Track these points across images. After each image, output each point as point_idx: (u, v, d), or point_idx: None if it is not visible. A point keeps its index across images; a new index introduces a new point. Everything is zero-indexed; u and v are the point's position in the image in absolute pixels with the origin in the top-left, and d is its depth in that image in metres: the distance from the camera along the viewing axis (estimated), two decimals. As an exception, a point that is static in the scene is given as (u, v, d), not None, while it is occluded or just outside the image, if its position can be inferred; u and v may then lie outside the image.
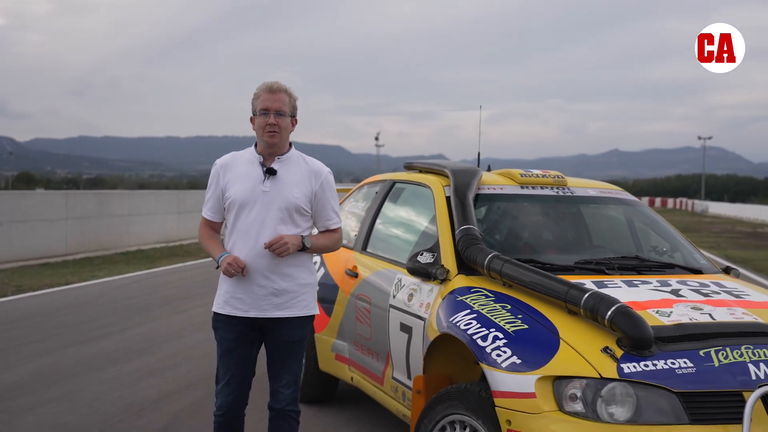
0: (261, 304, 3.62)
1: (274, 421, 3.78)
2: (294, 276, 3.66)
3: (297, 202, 3.64)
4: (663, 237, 4.78)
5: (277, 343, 3.71)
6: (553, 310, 3.49)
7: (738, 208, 60.10)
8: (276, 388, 3.76)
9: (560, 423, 3.04)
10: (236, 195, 3.63)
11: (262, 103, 3.64)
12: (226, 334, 3.67)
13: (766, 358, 3.19)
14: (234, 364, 3.67)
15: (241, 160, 3.73)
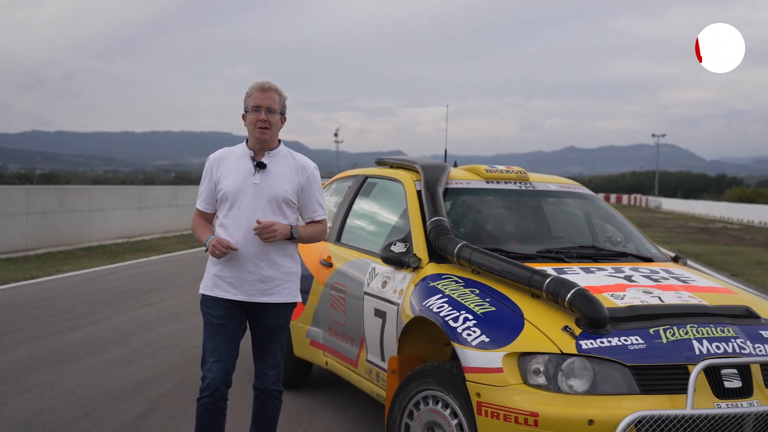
0: (249, 289, 3.83)
1: (258, 400, 4.01)
2: (281, 264, 3.88)
3: (285, 194, 3.87)
4: (617, 228, 5.14)
5: (263, 328, 3.93)
6: (517, 294, 3.81)
7: (690, 205, 61.41)
8: (261, 369, 3.98)
9: (525, 394, 3.36)
10: (228, 187, 3.85)
11: (253, 100, 3.87)
12: (216, 313, 3.86)
13: (708, 335, 3.54)
14: (223, 342, 3.84)
15: (233, 155, 3.95)
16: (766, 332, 3.70)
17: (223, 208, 3.89)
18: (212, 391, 3.82)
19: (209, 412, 3.85)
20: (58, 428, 4.93)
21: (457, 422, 3.65)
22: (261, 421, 4.03)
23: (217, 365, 3.83)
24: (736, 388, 3.42)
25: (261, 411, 4.03)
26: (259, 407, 4.03)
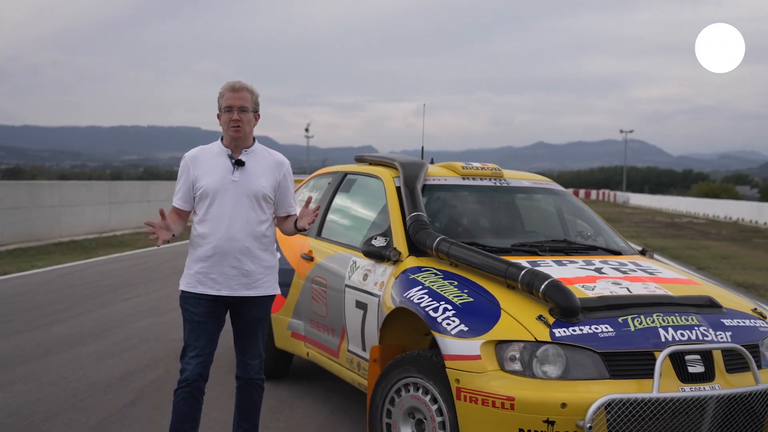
0: (232, 283, 3.93)
1: (242, 389, 4.12)
2: (261, 259, 3.99)
3: (264, 190, 3.97)
4: (587, 223, 5.37)
5: (246, 320, 4.04)
6: (494, 285, 4.00)
7: (657, 200, 62.26)
8: (245, 360, 4.09)
9: (501, 380, 3.56)
10: (208, 185, 3.92)
11: (226, 101, 3.95)
12: (197, 310, 3.94)
13: (673, 323, 3.76)
14: (204, 337, 3.94)
15: (210, 153, 4.02)
16: (727, 321, 3.93)
17: (202, 205, 3.96)
18: (191, 383, 3.93)
19: (187, 404, 3.94)
20: (47, 418, 5.05)
21: (437, 407, 3.84)
22: (245, 409, 4.13)
23: (196, 359, 3.93)
24: (699, 372, 3.64)
25: (244, 400, 4.14)
26: (243, 396, 4.14)
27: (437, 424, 3.82)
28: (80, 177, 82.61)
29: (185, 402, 3.94)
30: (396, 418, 4.03)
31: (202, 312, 3.95)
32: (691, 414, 3.57)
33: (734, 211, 40.94)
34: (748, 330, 3.94)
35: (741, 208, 41.16)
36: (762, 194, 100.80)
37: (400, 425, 4.01)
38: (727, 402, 3.62)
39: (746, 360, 3.74)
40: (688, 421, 3.57)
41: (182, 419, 3.95)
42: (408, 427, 3.99)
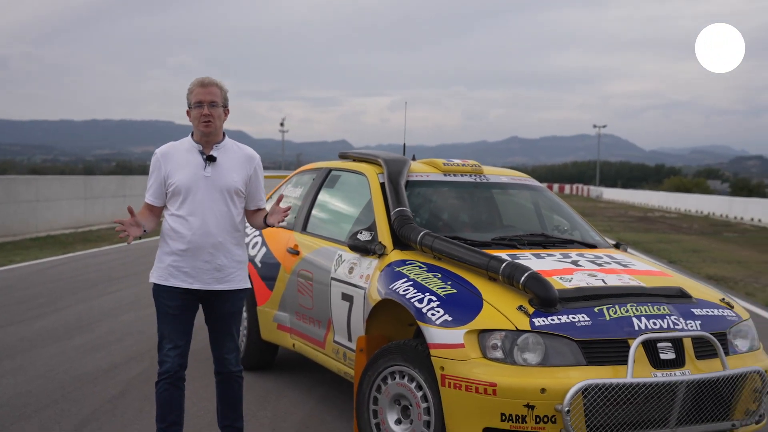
0: (205, 277, 3.98)
1: (222, 384, 4.19)
2: (234, 253, 4.06)
3: (236, 185, 4.04)
4: (564, 218, 5.56)
5: (219, 314, 4.10)
6: (476, 277, 4.18)
7: (630, 194, 62.92)
8: (222, 354, 4.16)
9: (484, 367, 3.73)
10: (180, 181, 3.97)
11: (195, 96, 3.99)
12: (171, 303, 4.01)
13: (646, 313, 3.96)
14: (178, 330, 4.02)
15: (180, 149, 4.07)
16: (697, 310, 4.14)
17: (175, 201, 4.00)
18: (171, 375, 4.03)
19: (170, 394, 4.06)
20: (39, 409, 5.16)
21: (422, 394, 4.01)
22: (227, 401, 4.22)
23: (174, 351, 4.02)
24: (670, 359, 3.84)
25: (226, 393, 4.21)
26: (224, 390, 4.21)
27: (422, 410, 3.99)
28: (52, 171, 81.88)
29: (168, 392, 4.05)
30: (382, 405, 4.20)
31: (176, 305, 4.01)
32: (663, 398, 3.76)
33: (705, 205, 41.53)
34: (716, 319, 4.15)
35: (712, 202, 41.75)
36: (733, 189, 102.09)
37: (386, 412, 4.18)
38: (697, 387, 3.83)
39: (715, 347, 3.95)
40: (660, 405, 3.77)
41: (167, 409, 4.06)
42: (394, 413, 4.16)
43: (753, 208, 34.93)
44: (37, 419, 4.96)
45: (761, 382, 4.01)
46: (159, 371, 4.06)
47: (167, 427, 4.09)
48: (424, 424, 3.98)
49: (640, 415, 3.76)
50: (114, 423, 4.94)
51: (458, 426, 3.77)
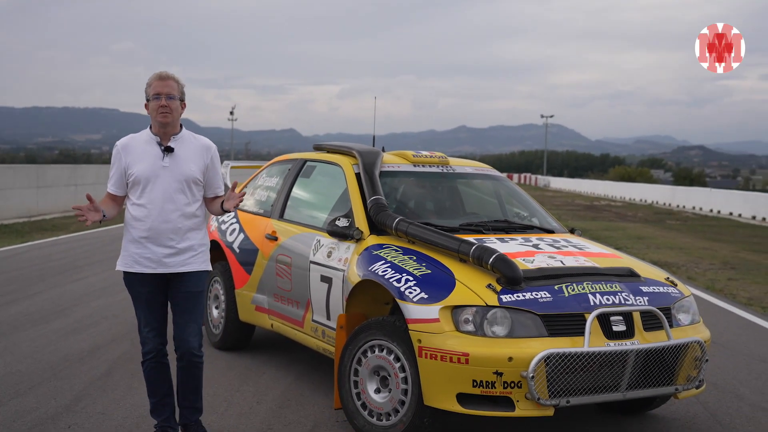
0: (167, 261, 4.20)
1: (183, 369, 4.35)
2: (192, 238, 4.27)
3: (194, 174, 4.25)
4: (523, 205, 6.02)
5: (183, 294, 4.28)
6: (448, 259, 4.60)
7: (576, 183, 64.17)
8: (184, 337, 4.30)
9: (457, 339, 4.16)
10: (140, 172, 4.18)
11: (154, 89, 4.21)
12: (142, 288, 4.25)
13: (600, 290, 4.42)
14: (155, 311, 4.29)
15: (140, 141, 4.28)
16: (645, 288, 4.62)
17: (135, 191, 4.22)
18: (154, 354, 4.31)
19: (156, 371, 4.34)
20: (32, 386, 5.45)
21: (399, 365, 4.42)
22: (187, 384, 4.37)
23: (152, 333, 4.30)
24: (621, 331, 4.31)
25: (186, 376, 4.36)
26: (184, 374, 4.36)
27: (400, 379, 4.41)
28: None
29: (154, 370, 4.34)
30: (362, 376, 4.60)
31: (147, 290, 4.25)
32: (615, 365, 4.24)
33: (649, 194, 42.70)
34: (662, 295, 4.64)
35: (655, 191, 42.94)
36: (675, 178, 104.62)
37: (366, 382, 4.58)
38: (645, 355, 4.31)
39: (660, 320, 4.44)
40: (612, 371, 4.24)
41: (156, 384, 4.35)
42: (374, 383, 4.57)
43: (694, 197, 36.11)
44: (32, 395, 5.26)
45: (701, 351, 4.51)
46: (142, 351, 4.34)
47: (159, 400, 4.38)
48: (402, 392, 4.40)
49: (595, 381, 4.22)
50: (106, 398, 5.26)
51: (434, 392, 4.20)
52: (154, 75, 4.29)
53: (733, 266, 13.71)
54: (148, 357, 4.34)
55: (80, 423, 4.76)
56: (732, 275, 12.46)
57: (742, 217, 28.70)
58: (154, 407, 4.40)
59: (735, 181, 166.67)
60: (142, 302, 4.30)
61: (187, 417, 4.41)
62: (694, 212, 32.72)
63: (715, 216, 30.11)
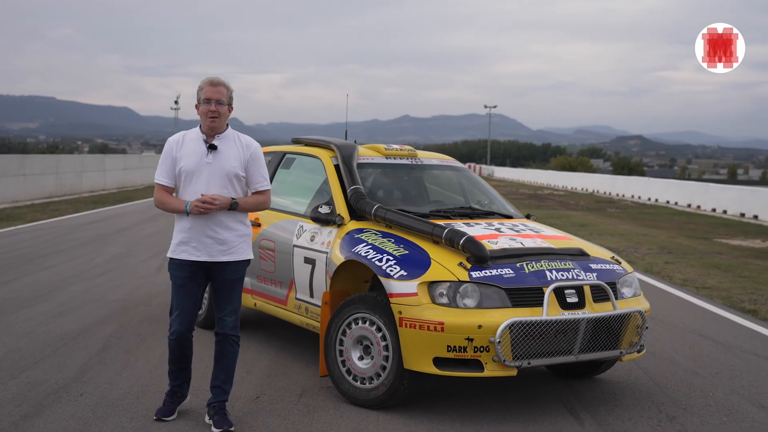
0: (210, 251, 4.59)
1: (219, 344, 4.75)
2: (234, 229, 4.65)
3: (234, 170, 4.63)
4: (484, 194, 6.65)
5: (223, 282, 4.68)
6: (422, 241, 5.20)
7: (520, 173, 65.42)
8: (221, 317, 4.72)
9: (433, 310, 4.76)
10: (187, 166, 4.59)
11: (205, 94, 4.60)
12: (180, 273, 4.62)
13: (555, 267, 5.07)
14: (188, 297, 4.64)
15: (189, 138, 4.69)
16: (594, 265, 5.28)
17: (182, 183, 4.62)
18: (178, 336, 4.69)
19: (180, 347, 4.73)
20: (36, 362, 5.90)
21: (381, 335, 5.01)
22: (222, 361, 4.75)
23: (180, 317, 4.66)
24: (574, 302, 4.96)
25: (220, 354, 4.75)
26: (219, 351, 4.76)
27: (382, 347, 5.00)
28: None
29: (178, 347, 4.72)
30: (347, 345, 5.18)
31: (184, 276, 4.63)
32: (569, 331, 4.89)
33: (590, 183, 43.99)
34: (608, 272, 5.30)
35: (596, 180, 44.24)
36: (615, 167, 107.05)
37: (350, 351, 5.16)
38: (594, 323, 4.96)
39: (607, 293, 5.10)
40: (567, 337, 4.89)
41: (178, 355, 4.74)
42: (357, 351, 5.16)
43: (633, 185, 37.41)
44: (39, 369, 5.72)
45: (641, 320, 5.19)
46: (169, 332, 4.72)
47: (178, 368, 4.77)
48: (383, 359, 5.00)
49: (552, 345, 4.87)
50: (108, 371, 5.74)
51: (413, 357, 4.80)
52: (206, 80, 4.66)
53: (670, 251, 14.61)
54: (173, 338, 4.70)
55: (90, 391, 5.24)
56: (669, 259, 13.34)
57: (678, 205, 29.97)
58: (172, 372, 4.78)
59: (672, 171, 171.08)
60: (177, 287, 4.67)
61: (215, 397, 4.74)
62: (633, 200, 33.96)
63: (653, 204, 31.36)
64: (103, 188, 31.38)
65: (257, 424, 4.76)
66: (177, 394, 4.85)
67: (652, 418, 5.08)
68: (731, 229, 20.31)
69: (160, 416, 4.73)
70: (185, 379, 4.86)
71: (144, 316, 7.59)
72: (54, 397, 5.12)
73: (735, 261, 13.42)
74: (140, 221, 18.11)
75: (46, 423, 4.65)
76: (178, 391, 4.85)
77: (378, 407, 5.03)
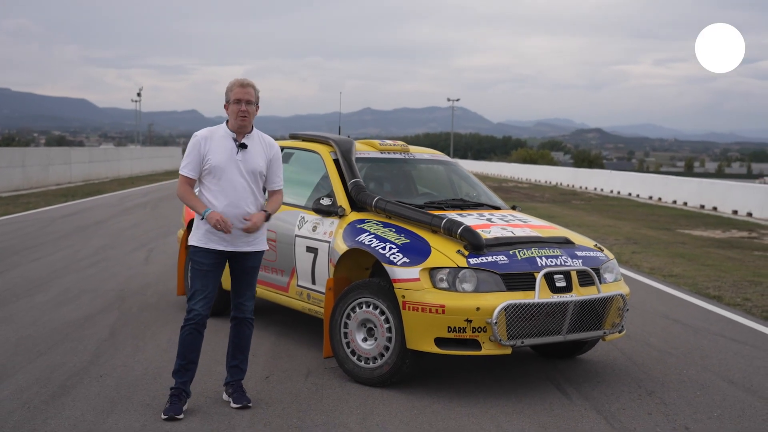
0: (236, 241, 4.89)
1: (235, 327, 5.04)
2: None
3: (261, 168, 4.94)
4: (472, 187, 7.06)
5: (244, 269, 4.99)
6: (421, 231, 5.59)
7: (483, 165, 66.11)
8: (240, 302, 5.03)
9: (434, 294, 5.15)
10: (217, 161, 4.83)
11: (235, 95, 4.86)
12: (206, 261, 4.87)
13: (545, 254, 5.48)
14: (210, 283, 4.90)
15: (217, 135, 4.91)
16: (579, 252, 5.71)
17: (211, 178, 4.87)
18: (198, 320, 4.85)
19: (192, 336, 4.86)
20: (50, 347, 6.19)
21: (384, 318, 5.39)
22: (237, 343, 5.04)
23: (203, 301, 4.86)
24: (562, 286, 5.38)
25: (237, 335, 5.03)
26: (236, 332, 5.05)
27: (385, 329, 5.38)
28: None
29: (191, 336, 4.86)
30: (351, 328, 5.55)
31: (210, 263, 4.89)
32: (558, 313, 5.31)
33: (553, 176, 44.74)
34: (592, 258, 5.74)
35: (559, 173, 45.01)
36: (575, 160, 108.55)
37: (354, 333, 5.54)
38: (581, 305, 5.39)
39: (592, 278, 5.53)
40: (555, 319, 5.31)
41: (188, 348, 4.86)
42: (361, 333, 5.53)
43: (596, 178, 38.20)
44: (55, 354, 6.01)
45: (623, 302, 5.64)
46: (186, 317, 4.87)
47: (186, 363, 4.86)
48: (386, 340, 5.38)
49: (543, 326, 5.28)
50: (121, 354, 6.05)
51: (416, 337, 5.19)
52: (235, 81, 4.92)
53: (636, 241, 15.19)
54: (190, 323, 4.85)
55: (109, 373, 5.56)
56: (635, 249, 13.90)
57: (640, 198, 30.75)
58: (178, 368, 4.87)
59: (630, 163, 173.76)
60: (200, 273, 4.89)
61: (232, 375, 5.04)
62: (597, 193, 34.72)
63: (616, 196, 32.12)
64: (69, 181, 31.31)
65: (272, 400, 5.12)
66: (182, 393, 4.86)
67: (632, 392, 5.53)
68: (692, 220, 21.02)
69: (171, 415, 4.71)
70: (191, 376, 4.92)
71: (142, 305, 7.88)
72: (76, 378, 5.42)
73: (698, 250, 14.02)
74: (115, 214, 18.28)
75: (75, 401, 4.96)
76: (183, 390, 4.87)
77: (381, 385, 5.42)
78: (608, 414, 5.07)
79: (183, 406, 4.82)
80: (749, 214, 22.76)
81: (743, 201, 23.58)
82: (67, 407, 4.86)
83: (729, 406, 5.31)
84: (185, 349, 4.89)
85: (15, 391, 5.13)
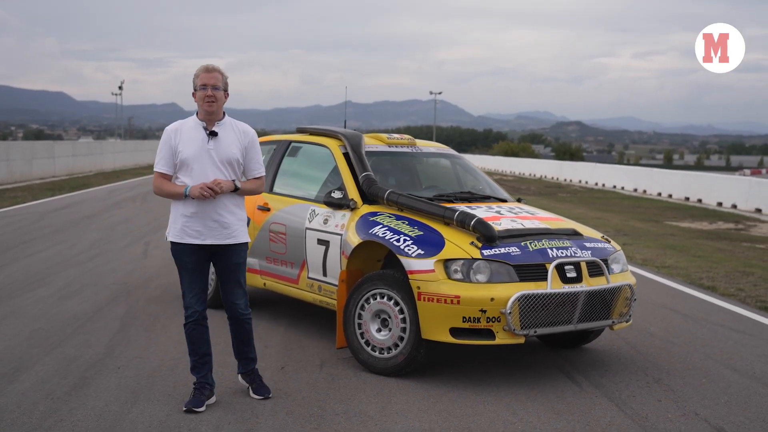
0: (214, 234, 4.75)
1: (235, 326, 5.00)
2: (236, 213, 4.84)
3: (235, 156, 4.78)
4: (478, 179, 7.16)
5: (228, 265, 4.88)
6: (434, 223, 5.68)
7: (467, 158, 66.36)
8: (232, 300, 4.93)
9: (449, 285, 5.25)
10: (188, 153, 4.70)
11: (201, 80, 4.72)
12: (189, 258, 4.77)
13: (556, 246, 5.59)
14: (198, 279, 4.82)
15: (187, 126, 4.79)
16: (587, 243, 5.83)
17: (184, 170, 4.74)
18: (196, 317, 4.84)
19: (197, 332, 4.86)
20: (64, 339, 6.24)
21: (399, 308, 5.48)
22: (240, 339, 5.04)
23: (194, 299, 4.82)
24: (573, 277, 5.49)
25: (238, 333, 5.03)
26: (236, 331, 5.03)
27: (399, 320, 5.48)
28: None
29: (195, 331, 4.86)
30: (365, 319, 5.64)
31: (193, 259, 4.80)
32: (569, 303, 5.42)
33: (537, 169, 44.99)
34: (601, 250, 5.86)
35: (543, 166, 45.27)
36: (556, 153, 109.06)
37: (369, 324, 5.63)
38: (590, 295, 5.50)
39: (601, 268, 5.65)
40: (567, 308, 5.43)
41: (197, 344, 4.87)
42: (375, 324, 5.62)
43: (580, 171, 38.47)
44: (69, 346, 6.06)
45: (630, 293, 5.76)
46: (185, 315, 4.86)
47: (200, 358, 4.87)
48: (400, 330, 5.48)
49: (555, 316, 5.40)
50: (135, 346, 6.11)
51: (431, 327, 5.29)
52: (201, 67, 4.79)
53: (626, 233, 15.37)
54: (190, 320, 4.83)
55: (125, 365, 5.62)
56: (626, 241, 14.06)
57: (625, 190, 31.03)
58: (194, 365, 4.89)
59: (610, 156, 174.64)
60: (186, 271, 4.81)
61: (245, 366, 5.09)
62: (581, 185, 34.96)
63: (601, 189, 32.38)
64: (53, 175, 31.16)
65: (290, 390, 5.20)
66: (205, 386, 4.87)
67: (640, 380, 5.66)
68: (678, 212, 21.28)
69: (191, 408, 4.73)
70: (209, 368, 4.93)
71: (148, 298, 7.92)
72: (94, 370, 5.48)
73: (688, 242, 14.22)
74: (104, 208, 18.25)
75: (97, 392, 5.03)
76: (205, 383, 4.88)
77: (396, 374, 5.52)
78: (619, 401, 5.20)
79: (206, 399, 4.84)
80: (734, 206, 23.07)
81: (727, 193, 23.90)
82: (91, 398, 4.92)
83: (735, 392, 5.45)
84: (194, 345, 4.90)
85: (36, 383, 5.18)
